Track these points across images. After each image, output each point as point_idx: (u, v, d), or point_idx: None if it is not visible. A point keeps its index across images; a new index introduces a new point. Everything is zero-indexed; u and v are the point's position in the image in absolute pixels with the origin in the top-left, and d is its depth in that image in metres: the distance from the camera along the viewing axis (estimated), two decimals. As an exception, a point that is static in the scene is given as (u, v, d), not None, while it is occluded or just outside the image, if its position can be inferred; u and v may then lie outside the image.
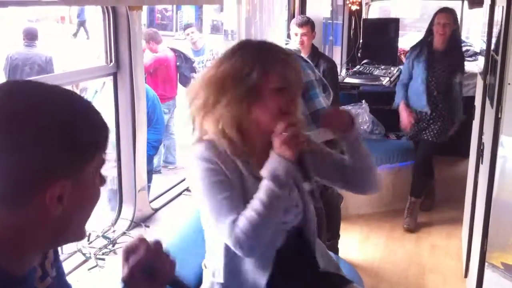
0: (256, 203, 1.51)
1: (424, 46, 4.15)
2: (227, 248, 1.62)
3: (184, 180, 3.02)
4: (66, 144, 0.86)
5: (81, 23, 15.93)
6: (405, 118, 4.14)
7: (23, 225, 0.87)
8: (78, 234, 0.98)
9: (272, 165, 1.53)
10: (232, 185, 1.57)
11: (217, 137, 1.59)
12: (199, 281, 1.80)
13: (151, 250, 1.03)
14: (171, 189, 2.91)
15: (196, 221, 2.00)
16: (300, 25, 3.76)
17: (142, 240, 1.03)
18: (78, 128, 0.89)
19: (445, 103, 4.07)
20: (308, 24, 3.71)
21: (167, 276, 1.07)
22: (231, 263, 1.65)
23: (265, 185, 1.52)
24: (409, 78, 4.19)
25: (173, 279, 1.10)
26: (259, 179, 1.57)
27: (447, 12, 4.07)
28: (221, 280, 1.68)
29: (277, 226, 1.61)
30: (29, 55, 6.07)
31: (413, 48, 4.31)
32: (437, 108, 4.06)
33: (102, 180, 0.98)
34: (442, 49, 4.08)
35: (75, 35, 15.69)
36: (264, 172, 1.53)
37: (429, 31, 4.15)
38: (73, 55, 9.29)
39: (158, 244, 1.05)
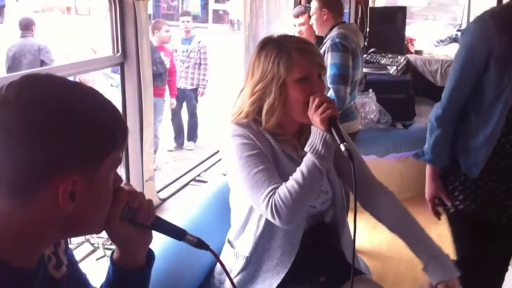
0: (297, 174, 1.59)
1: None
2: (259, 224, 1.71)
3: (191, 170, 3.04)
4: (81, 139, 0.86)
5: (1, 8, 15.13)
6: (432, 192, 2.14)
7: (32, 220, 0.86)
8: (93, 229, 0.98)
9: (311, 138, 1.60)
10: (267, 158, 1.65)
11: (254, 118, 1.71)
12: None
13: (124, 192, 0.99)
14: (178, 179, 2.91)
15: (216, 199, 2.09)
16: (296, 15, 3.69)
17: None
18: (95, 123, 0.88)
19: None
20: (305, 13, 3.62)
21: (149, 216, 1.03)
22: (262, 239, 1.72)
23: (306, 157, 1.61)
24: (465, 100, 1.97)
25: (158, 222, 1.06)
26: (291, 157, 1.69)
27: None
28: (247, 254, 1.75)
29: (307, 208, 1.70)
30: (23, 46, 6.04)
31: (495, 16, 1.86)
32: None
33: (118, 181, 0.98)
34: None
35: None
36: (306, 147, 1.61)
37: None
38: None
39: (129, 184, 1.02)
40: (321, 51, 3.21)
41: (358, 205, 1.54)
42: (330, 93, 3.08)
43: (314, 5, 3.36)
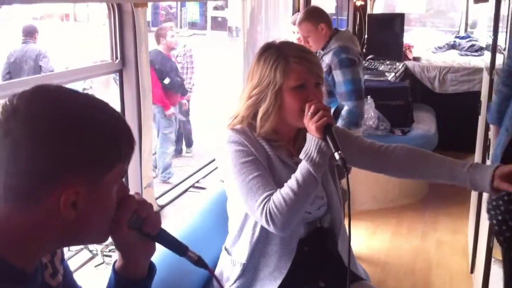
0: (292, 182, 1.59)
1: None
2: (254, 230, 1.71)
3: (190, 177, 3.03)
4: (85, 150, 0.88)
5: None
6: None
7: (32, 224, 0.88)
8: (95, 238, 1.00)
9: (306, 146, 1.61)
10: (262, 165, 1.65)
11: (249, 123, 1.72)
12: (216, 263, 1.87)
13: (134, 201, 1.01)
14: (177, 186, 2.91)
15: (214, 205, 2.09)
16: (295, 22, 3.70)
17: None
18: (100, 136, 0.90)
19: None
20: None
21: (155, 227, 1.05)
22: (258, 245, 1.73)
23: (301, 165, 1.61)
24: None
25: (163, 234, 1.07)
26: (286, 163, 1.69)
27: None
28: (243, 261, 1.75)
29: (303, 214, 1.69)
30: (24, 51, 6.07)
31: None
32: None
33: (124, 190, 0.99)
34: None
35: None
36: (301, 154, 1.61)
37: None
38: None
39: (138, 194, 1.04)
40: (325, 62, 3.22)
41: (360, 210, 1.54)
42: (349, 108, 3.13)
43: (306, 27, 3.31)
